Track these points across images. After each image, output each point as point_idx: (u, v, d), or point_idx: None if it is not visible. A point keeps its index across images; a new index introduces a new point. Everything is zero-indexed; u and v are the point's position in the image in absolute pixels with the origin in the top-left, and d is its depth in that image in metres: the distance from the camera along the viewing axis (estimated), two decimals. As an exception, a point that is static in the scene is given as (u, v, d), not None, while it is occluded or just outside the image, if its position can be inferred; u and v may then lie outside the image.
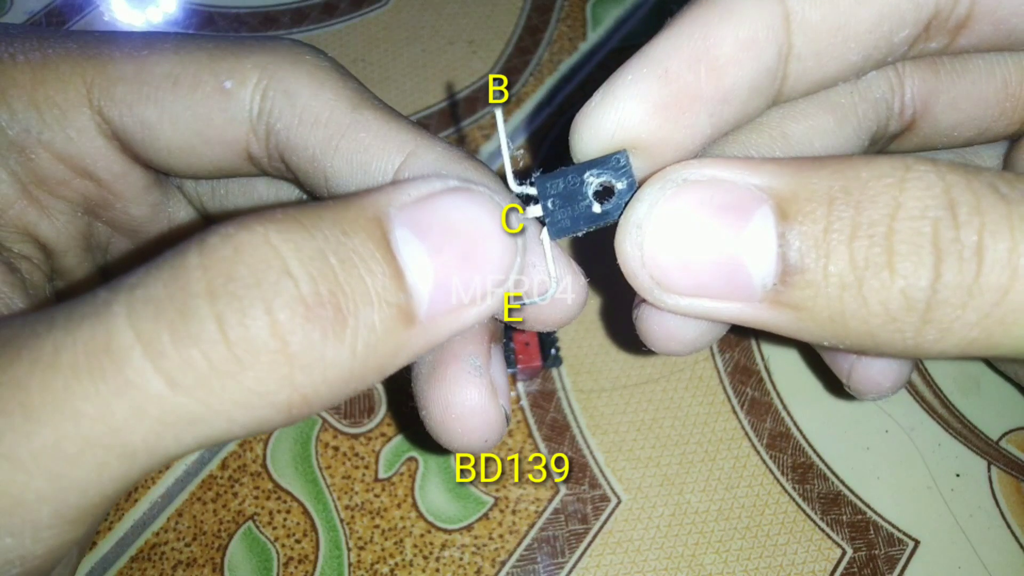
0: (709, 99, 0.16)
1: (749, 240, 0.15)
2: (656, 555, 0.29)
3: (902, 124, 0.20)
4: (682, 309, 0.16)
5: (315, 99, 0.17)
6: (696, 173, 0.16)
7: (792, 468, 0.31)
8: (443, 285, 0.15)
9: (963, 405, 0.32)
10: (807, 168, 0.15)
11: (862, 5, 0.16)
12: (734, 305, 0.16)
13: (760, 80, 0.17)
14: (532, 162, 0.37)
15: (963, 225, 0.13)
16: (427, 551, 0.30)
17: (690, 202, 0.15)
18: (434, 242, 0.15)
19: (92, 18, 0.42)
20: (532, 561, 0.29)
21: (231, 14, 0.42)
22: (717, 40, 0.16)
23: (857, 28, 0.16)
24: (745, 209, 0.15)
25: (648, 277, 0.16)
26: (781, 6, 0.16)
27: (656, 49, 0.16)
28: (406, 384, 0.20)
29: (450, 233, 0.15)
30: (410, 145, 0.17)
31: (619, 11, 0.42)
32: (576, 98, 0.39)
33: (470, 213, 0.15)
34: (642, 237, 0.16)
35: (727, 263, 0.15)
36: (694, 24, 0.16)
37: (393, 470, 0.31)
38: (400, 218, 0.15)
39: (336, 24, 0.42)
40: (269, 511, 0.30)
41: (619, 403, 0.32)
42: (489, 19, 0.42)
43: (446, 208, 0.15)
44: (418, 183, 0.15)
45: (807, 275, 0.14)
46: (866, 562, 0.29)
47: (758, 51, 0.16)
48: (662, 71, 0.16)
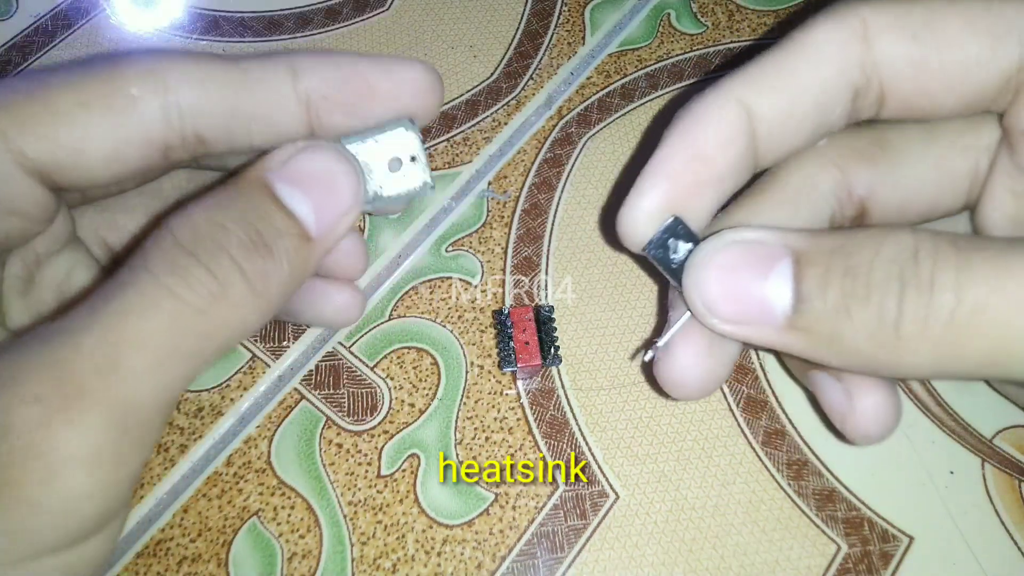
0: (707, 183, 0.22)
1: (774, 282, 0.20)
2: (653, 550, 0.30)
3: (854, 208, 0.25)
4: (726, 332, 0.21)
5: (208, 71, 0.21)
6: (741, 235, 0.21)
7: (787, 465, 0.31)
8: (320, 210, 0.21)
9: (957, 403, 0.32)
10: (817, 234, 0.20)
11: (801, 95, 0.22)
12: (762, 329, 0.21)
13: (741, 160, 0.22)
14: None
15: (920, 264, 0.18)
16: (429, 546, 0.30)
17: (735, 255, 0.21)
18: (303, 186, 0.21)
19: (98, 21, 0.43)
20: (532, 556, 0.30)
21: (235, 18, 0.43)
22: (702, 143, 0.22)
23: (802, 111, 0.22)
24: (773, 260, 0.20)
25: (701, 303, 0.21)
26: (741, 105, 0.22)
27: (662, 157, 0.22)
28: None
29: (311, 176, 0.22)
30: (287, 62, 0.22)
31: (617, 15, 0.42)
32: (575, 101, 0.39)
33: (318, 159, 0.22)
34: (699, 276, 0.21)
35: (758, 298, 0.20)
36: (683, 134, 0.22)
37: (395, 467, 0.31)
38: (277, 177, 0.21)
39: (339, 28, 0.42)
40: (273, 507, 0.31)
41: (617, 401, 0.32)
42: (490, 24, 0.42)
43: (303, 162, 0.22)
44: (283, 150, 0.22)
45: (812, 304, 0.19)
46: (861, 558, 0.30)
47: (734, 142, 0.22)
48: (669, 172, 0.22)
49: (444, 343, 0.34)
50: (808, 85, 0.21)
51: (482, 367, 0.33)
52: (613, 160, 0.38)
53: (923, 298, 0.18)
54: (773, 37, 0.42)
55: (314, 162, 0.22)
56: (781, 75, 0.21)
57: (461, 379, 0.33)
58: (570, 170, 0.38)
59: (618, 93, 0.40)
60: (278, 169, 0.21)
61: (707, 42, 0.41)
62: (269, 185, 0.21)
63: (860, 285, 0.19)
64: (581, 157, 0.38)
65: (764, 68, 0.22)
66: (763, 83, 0.22)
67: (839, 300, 0.19)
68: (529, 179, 0.37)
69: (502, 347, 0.31)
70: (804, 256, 0.20)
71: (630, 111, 0.39)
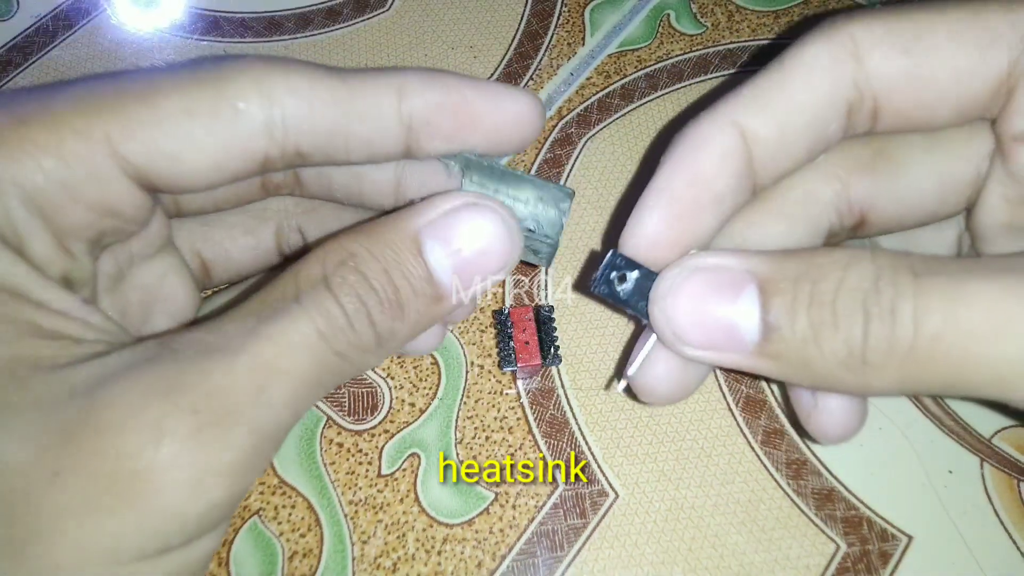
0: (707, 203, 0.22)
1: (740, 309, 0.20)
2: (653, 549, 0.30)
3: (854, 219, 0.25)
4: (696, 357, 0.22)
5: (314, 87, 0.21)
6: (703, 262, 0.21)
7: (786, 464, 0.31)
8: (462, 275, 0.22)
9: (956, 403, 0.32)
10: (781, 258, 0.21)
11: (795, 114, 0.22)
12: (732, 355, 0.21)
13: (739, 181, 0.22)
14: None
15: (882, 294, 0.19)
16: (429, 545, 0.30)
17: (699, 282, 0.21)
18: (453, 248, 0.21)
19: (98, 22, 0.43)
20: (532, 555, 0.30)
21: (236, 19, 0.43)
22: (700, 165, 0.22)
23: (797, 130, 0.22)
24: (738, 287, 0.20)
25: (671, 333, 0.22)
26: (736, 127, 0.22)
27: (661, 180, 0.22)
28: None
29: (465, 240, 0.21)
30: (396, 81, 0.22)
31: (617, 16, 0.42)
32: (575, 101, 0.39)
33: (478, 224, 0.22)
34: (666, 306, 0.21)
35: (726, 325, 0.21)
36: (681, 158, 0.22)
37: (396, 466, 0.31)
38: (429, 233, 0.21)
39: (340, 29, 0.42)
40: (274, 506, 0.31)
41: (617, 400, 0.33)
42: (490, 25, 0.42)
43: (461, 223, 0.21)
44: (444, 201, 0.22)
45: (781, 332, 0.20)
46: (860, 557, 0.30)
47: (731, 163, 0.22)
48: (669, 195, 0.22)
49: (444, 343, 0.34)
50: (801, 104, 0.22)
51: (482, 367, 0.33)
52: (613, 160, 0.38)
53: (885, 328, 0.19)
54: (775, 37, 0.42)
55: (473, 226, 0.21)
56: (774, 95, 0.22)
57: (461, 379, 0.33)
58: (570, 170, 0.38)
59: (618, 94, 0.40)
60: (433, 224, 0.21)
61: (707, 43, 0.41)
62: (419, 241, 0.21)
63: (827, 313, 0.19)
64: (581, 157, 0.38)
65: (757, 90, 0.22)
66: (757, 104, 0.22)
67: (807, 330, 0.19)
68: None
69: (502, 347, 0.31)
70: (769, 282, 0.20)
71: (630, 111, 0.39)
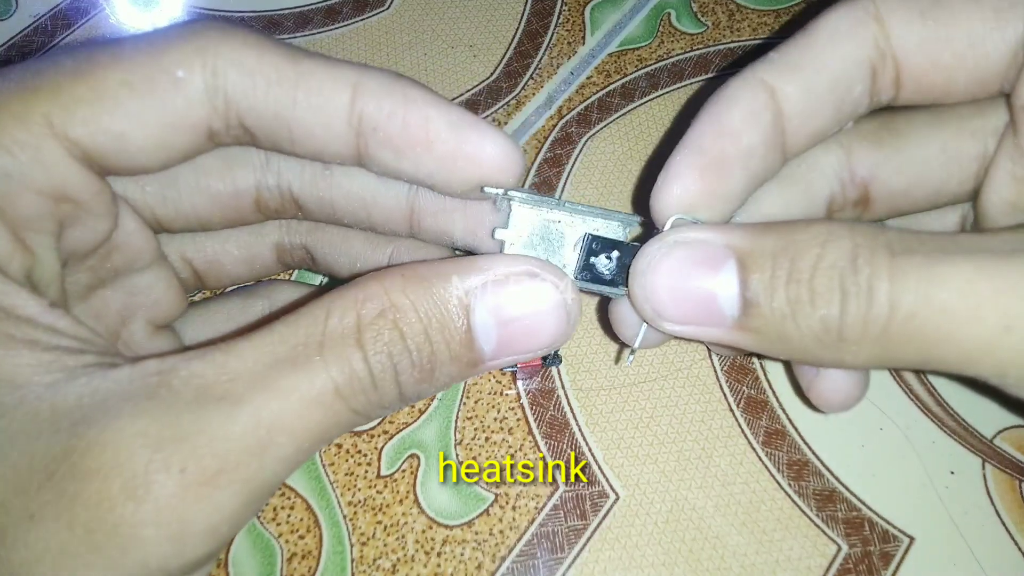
0: (736, 157, 0.22)
1: (720, 284, 0.20)
2: (654, 550, 0.30)
3: (856, 191, 0.25)
4: (676, 332, 0.22)
5: (260, 63, 0.20)
6: (683, 237, 0.21)
7: (788, 465, 0.31)
8: (504, 348, 0.20)
9: (957, 403, 0.32)
10: (760, 232, 0.20)
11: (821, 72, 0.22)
12: (712, 329, 0.21)
13: (768, 138, 0.22)
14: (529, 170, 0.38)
15: (859, 273, 0.19)
16: (428, 546, 0.30)
17: (679, 257, 0.21)
18: (503, 316, 0.20)
19: (97, 21, 0.43)
20: (532, 556, 0.30)
21: (235, 18, 0.43)
22: (728, 119, 0.22)
23: (823, 88, 0.22)
24: (717, 262, 0.20)
25: (651, 309, 0.21)
26: (765, 85, 0.22)
27: (691, 135, 0.23)
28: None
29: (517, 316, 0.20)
30: (353, 77, 0.20)
31: (617, 15, 0.42)
32: (575, 100, 0.39)
33: (534, 302, 0.20)
34: (645, 282, 0.21)
35: (705, 300, 0.21)
36: (711, 113, 0.23)
37: (395, 467, 0.31)
38: (481, 302, 0.20)
39: (339, 28, 0.42)
40: (273, 507, 0.31)
41: (617, 401, 0.32)
42: (489, 24, 0.42)
43: (516, 297, 0.20)
44: (503, 264, 0.20)
45: (759, 308, 0.20)
46: (861, 558, 0.30)
47: (758, 118, 0.22)
48: (698, 147, 0.22)
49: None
50: (827, 63, 0.22)
51: (482, 367, 0.33)
52: (613, 160, 0.38)
53: (861, 307, 0.19)
54: (777, 37, 0.42)
55: (530, 300, 0.20)
56: (800, 56, 0.23)
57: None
58: (570, 170, 0.38)
59: (618, 93, 0.40)
60: (486, 289, 0.20)
61: (707, 42, 0.41)
62: (468, 303, 0.20)
63: (804, 291, 0.19)
64: (581, 157, 0.38)
65: (784, 54, 0.23)
66: (785, 65, 0.23)
67: (785, 306, 0.20)
68: (529, 179, 0.37)
69: (502, 347, 0.31)
70: (748, 257, 0.20)
71: (630, 111, 0.39)
